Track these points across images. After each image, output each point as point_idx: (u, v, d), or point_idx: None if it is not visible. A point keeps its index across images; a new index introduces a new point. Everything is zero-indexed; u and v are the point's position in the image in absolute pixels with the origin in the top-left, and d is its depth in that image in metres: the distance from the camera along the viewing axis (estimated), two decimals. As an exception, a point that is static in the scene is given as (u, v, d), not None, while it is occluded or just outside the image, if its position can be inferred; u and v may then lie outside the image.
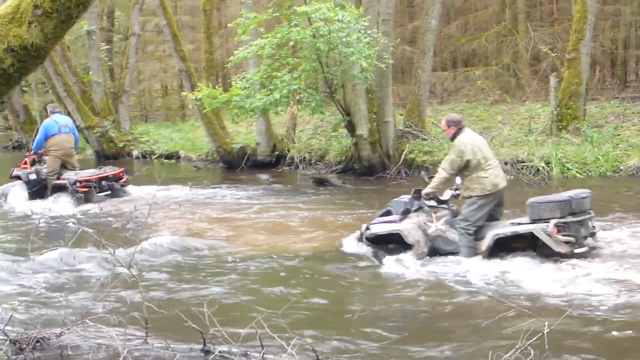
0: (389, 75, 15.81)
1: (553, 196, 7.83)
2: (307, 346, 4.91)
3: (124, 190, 13.66)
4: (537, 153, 14.46)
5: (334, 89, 15.15)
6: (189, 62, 19.09)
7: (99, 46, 23.88)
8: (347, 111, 15.41)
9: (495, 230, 7.75)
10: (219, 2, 27.98)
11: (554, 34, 21.04)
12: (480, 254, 7.78)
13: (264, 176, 16.46)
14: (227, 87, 17.94)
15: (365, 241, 8.52)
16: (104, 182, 13.21)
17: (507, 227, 7.81)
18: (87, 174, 13.36)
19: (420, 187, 8.55)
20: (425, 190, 8.21)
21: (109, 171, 13.65)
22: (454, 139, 8.09)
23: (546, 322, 4.65)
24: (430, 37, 16.93)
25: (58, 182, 13.11)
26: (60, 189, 13.07)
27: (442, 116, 10.97)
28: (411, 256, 8.01)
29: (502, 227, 7.81)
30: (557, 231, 7.45)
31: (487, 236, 7.76)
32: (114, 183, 13.42)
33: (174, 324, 5.88)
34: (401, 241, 8.15)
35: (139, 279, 5.70)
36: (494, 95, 20.44)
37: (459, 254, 7.92)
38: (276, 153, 18.26)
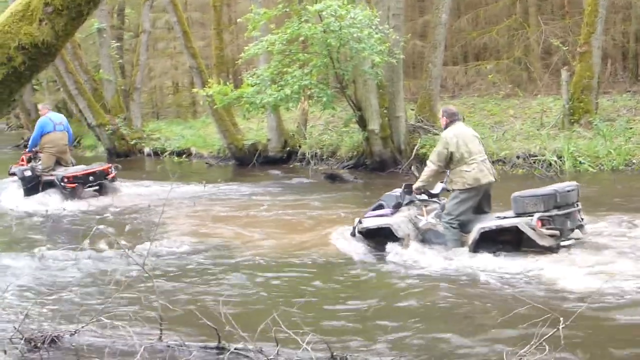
0: (400, 70, 15.76)
1: (537, 190, 7.89)
2: (322, 342, 4.91)
3: (113, 186, 13.63)
4: (549, 147, 14.39)
5: (345, 84, 15.13)
6: (199, 58, 19.09)
7: (109, 44, 23.89)
8: (358, 106, 15.39)
9: (481, 224, 7.80)
10: (229, -2, 27.98)
11: (565, 27, 20.88)
12: (466, 247, 7.83)
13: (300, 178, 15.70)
14: (237, 84, 17.92)
15: (357, 235, 8.60)
16: (91, 178, 13.15)
17: (492, 220, 7.85)
18: (75, 170, 13.35)
19: (411, 181, 8.59)
20: (415, 184, 8.27)
21: (97, 167, 13.66)
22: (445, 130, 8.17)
23: (561, 318, 4.64)
24: (441, 31, 16.85)
25: (48, 178, 13.14)
26: (51, 185, 13.11)
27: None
28: (425, 252, 8.03)
29: (488, 221, 7.86)
30: (541, 225, 7.47)
31: (473, 230, 7.83)
32: (103, 179, 13.35)
33: (188, 321, 5.90)
34: (392, 235, 8.20)
35: (153, 276, 5.72)
36: (505, 89, 20.34)
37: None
38: (287, 149, 18.25)
